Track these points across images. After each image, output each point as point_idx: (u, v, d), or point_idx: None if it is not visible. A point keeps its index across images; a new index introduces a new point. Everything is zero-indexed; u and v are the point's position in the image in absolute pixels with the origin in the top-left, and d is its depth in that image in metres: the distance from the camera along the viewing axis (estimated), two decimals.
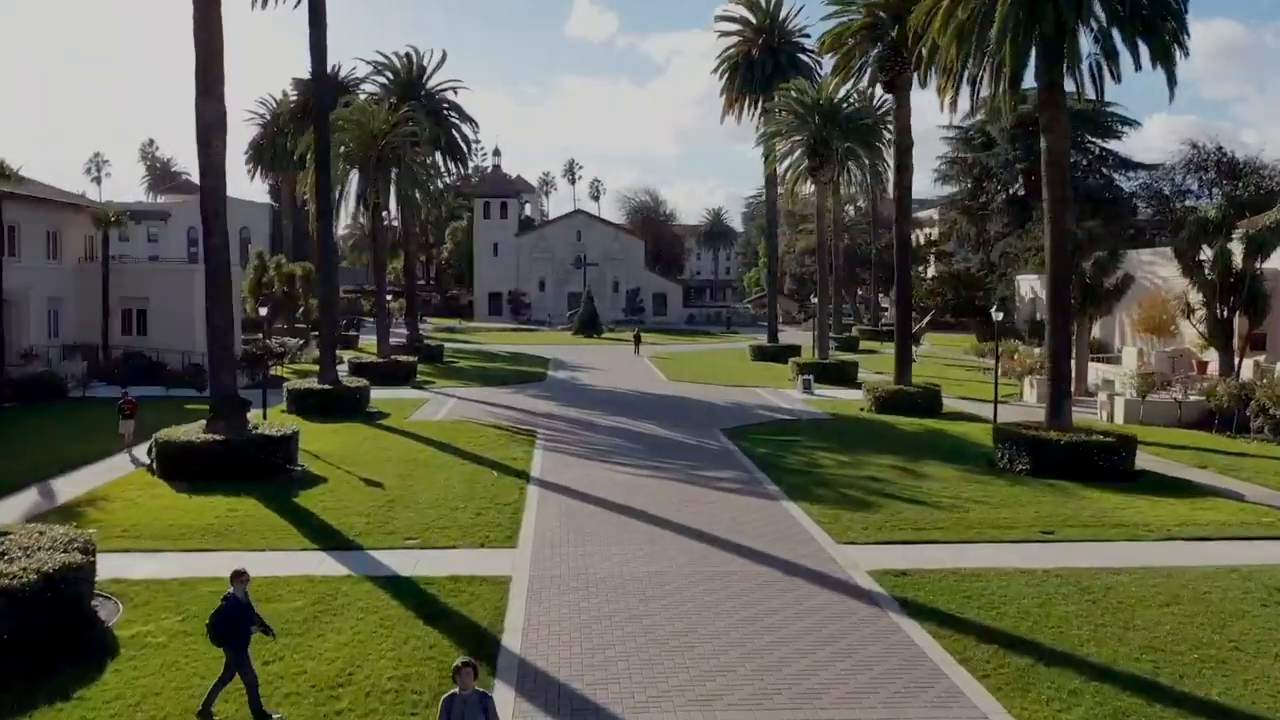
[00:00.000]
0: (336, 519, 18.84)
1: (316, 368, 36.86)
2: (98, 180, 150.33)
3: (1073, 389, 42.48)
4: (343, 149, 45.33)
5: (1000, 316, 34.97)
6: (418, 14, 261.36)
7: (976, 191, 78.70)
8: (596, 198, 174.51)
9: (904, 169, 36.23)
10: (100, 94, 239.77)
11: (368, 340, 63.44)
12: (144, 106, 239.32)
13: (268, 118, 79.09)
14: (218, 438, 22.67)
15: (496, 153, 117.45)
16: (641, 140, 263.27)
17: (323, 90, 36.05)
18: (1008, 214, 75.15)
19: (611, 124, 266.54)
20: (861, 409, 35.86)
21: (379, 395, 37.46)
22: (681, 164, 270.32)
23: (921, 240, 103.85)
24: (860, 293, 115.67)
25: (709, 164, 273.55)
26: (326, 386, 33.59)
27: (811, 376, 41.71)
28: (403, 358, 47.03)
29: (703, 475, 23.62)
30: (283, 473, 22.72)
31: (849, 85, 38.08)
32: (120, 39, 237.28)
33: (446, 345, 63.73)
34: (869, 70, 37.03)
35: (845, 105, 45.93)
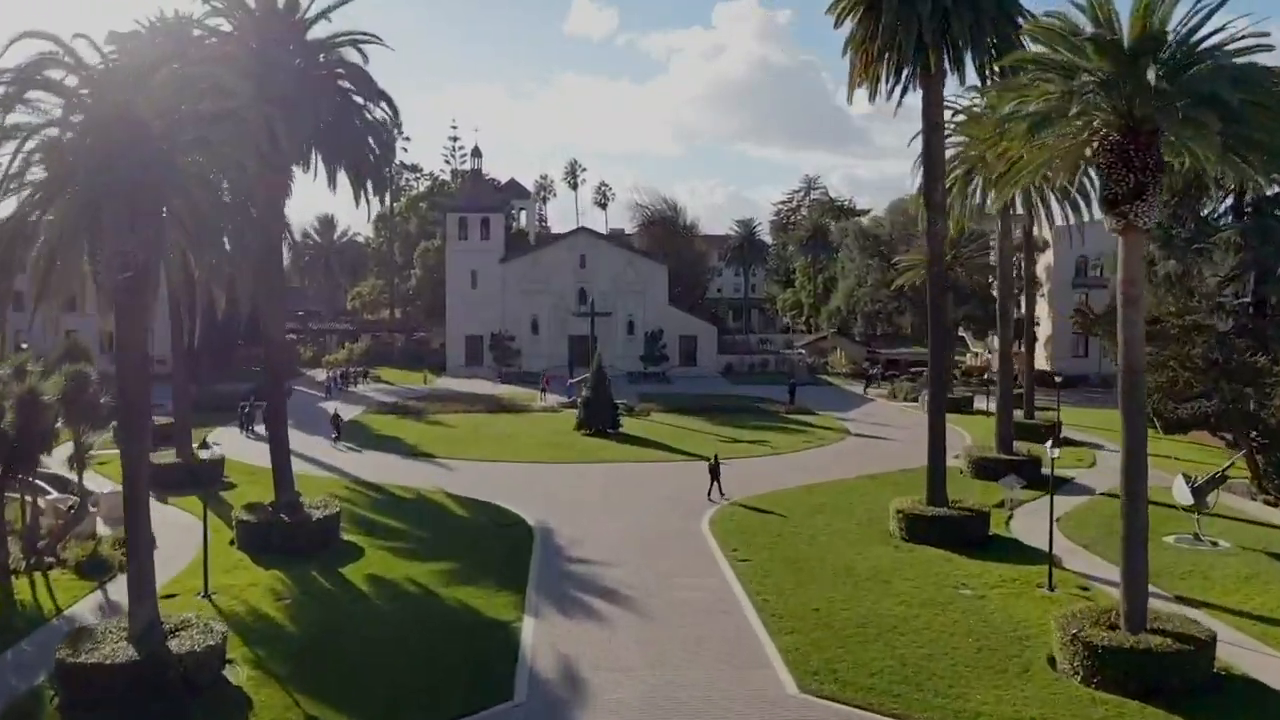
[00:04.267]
0: None
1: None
2: None
3: None
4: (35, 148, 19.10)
5: None
6: (415, 6, 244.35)
7: (1180, 214, 52.44)
8: (603, 205, 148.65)
9: None
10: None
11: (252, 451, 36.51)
12: None
13: None
14: None
15: (476, 153, 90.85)
16: (641, 139, 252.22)
17: None
18: (1246, 245, 48.98)
19: (611, 122, 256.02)
20: None
21: None
22: (682, 163, 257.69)
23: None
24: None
25: (710, 163, 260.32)
26: None
27: None
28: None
29: None
30: None
31: None
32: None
33: (354, 497, 38.22)
34: None
35: (1198, 37, 19.83)
